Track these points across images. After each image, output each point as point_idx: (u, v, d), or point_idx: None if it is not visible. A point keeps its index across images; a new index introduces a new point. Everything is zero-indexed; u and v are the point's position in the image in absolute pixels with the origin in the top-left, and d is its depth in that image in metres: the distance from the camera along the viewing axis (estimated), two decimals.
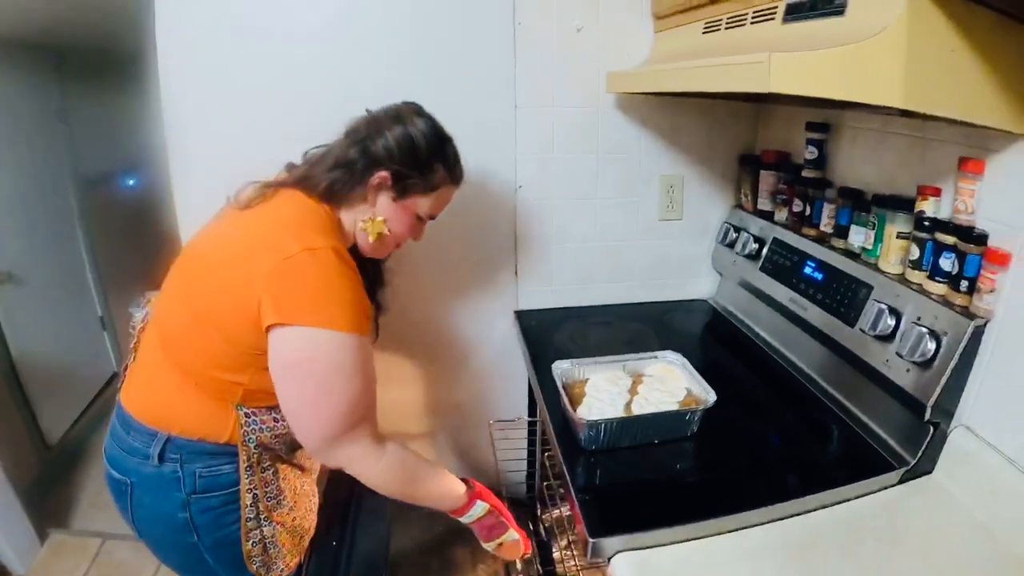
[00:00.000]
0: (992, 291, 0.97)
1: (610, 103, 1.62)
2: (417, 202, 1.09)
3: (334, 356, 0.93)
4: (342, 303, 0.93)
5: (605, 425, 1.09)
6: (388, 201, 1.06)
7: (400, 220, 1.09)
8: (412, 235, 1.14)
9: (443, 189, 1.11)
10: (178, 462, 1.00)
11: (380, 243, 1.10)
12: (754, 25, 1.06)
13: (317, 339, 0.91)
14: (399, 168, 1.03)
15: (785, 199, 1.52)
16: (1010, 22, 0.84)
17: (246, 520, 1.04)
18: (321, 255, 0.92)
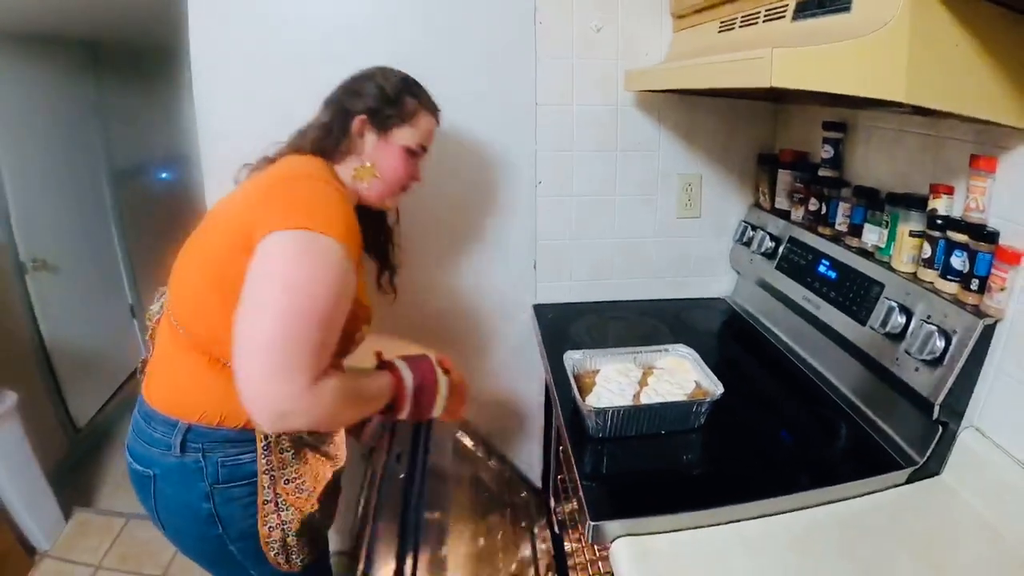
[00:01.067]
0: (1003, 290, 0.96)
1: (629, 101, 1.64)
2: (400, 134, 1.12)
3: (308, 255, 0.87)
4: (318, 208, 0.91)
5: (612, 413, 1.11)
6: (374, 142, 1.11)
7: (389, 157, 1.12)
8: (408, 172, 1.16)
9: (421, 118, 1.14)
10: (200, 451, 0.99)
11: (380, 188, 1.13)
12: (766, 23, 1.07)
13: (296, 240, 0.87)
14: (372, 106, 1.09)
15: (802, 198, 1.52)
16: (1017, 17, 0.84)
17: (263, 502, 1.01)
18: (315, 181, 0.98)
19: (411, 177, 1.17)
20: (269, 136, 1.51)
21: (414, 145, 1.14)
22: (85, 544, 2.08)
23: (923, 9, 0.79)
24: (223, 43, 1.46)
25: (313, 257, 0.87)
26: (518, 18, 1.54)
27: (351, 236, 0.93)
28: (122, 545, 2.06)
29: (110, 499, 2.34)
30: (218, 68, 1.48)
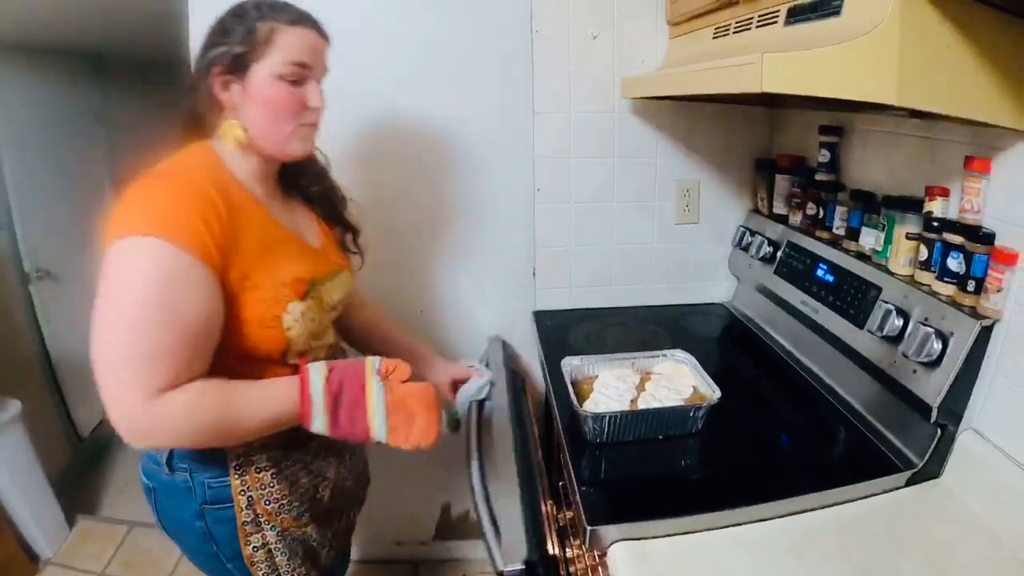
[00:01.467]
0: (999, 291, 0.96)
1: (626, 108, 1.65)
2: (263, 67, 0.91)
3: (133, 263, 0.78)
4: (155, 209, 0.81)
5: (609, 418, 1.11)
6: (241, 92, 0.92)
7: (267, 99, 0.92)
8: (291, 102, 0.94)
9: (281, 37, 0.91)
10: (187, 471, 0.95)
11: (264, 137, 0.95)
12: (759, 28, 1.08)
13: (123, 248, 0.79)
14: (222, 53, 0.90)
15: (799, 202, 1.52)
16: (1009, 18, 0.84)
17: (242, 524, 0.97)
18: (161, 177, 0.86)
19: (300, 105, 0.95)
20: None
21: (282, 68, 0.91)
22: (88, 552, 2.09)
23: (913, 11, 0.80)
24: None
25: (134, 263, 0.79)
26: (515, 27, 1.56)
27: (188, 232, 0.80)
28: (125, 553, 2.07)
29: (113, 507, 2.35)
30: None
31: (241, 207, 0.90)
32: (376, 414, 0.90)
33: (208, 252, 0.82)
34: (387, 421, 0.90)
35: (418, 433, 0.93)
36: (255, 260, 0.89)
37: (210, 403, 0.82)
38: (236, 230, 0.87)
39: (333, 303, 1.04)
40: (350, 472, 1.16)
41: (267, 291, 0.89)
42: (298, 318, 0.91)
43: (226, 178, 0.92)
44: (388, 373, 0.93)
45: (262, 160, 0.98)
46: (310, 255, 1.02)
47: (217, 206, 0.84)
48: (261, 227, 0.93)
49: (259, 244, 0.90)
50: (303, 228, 1.06)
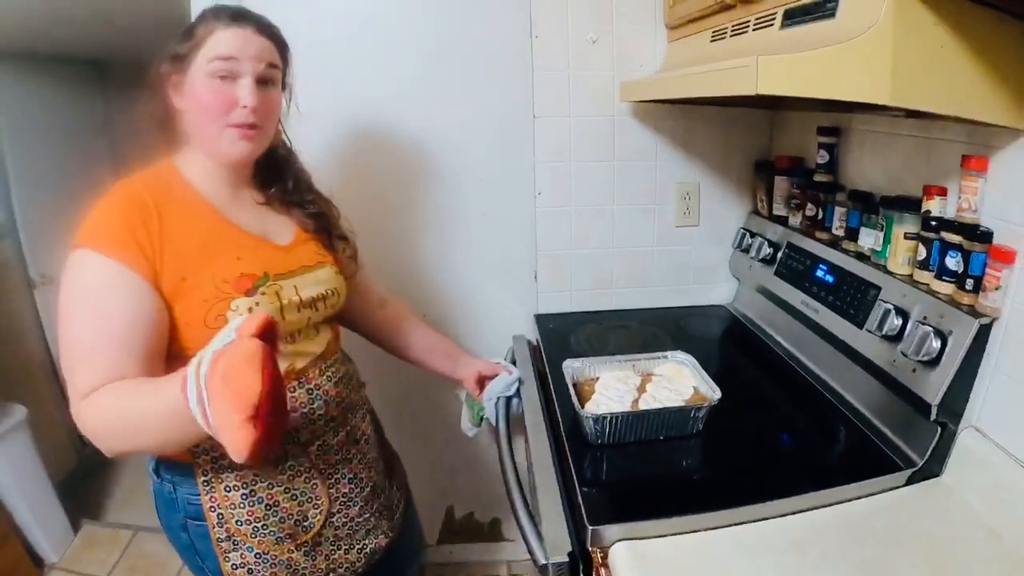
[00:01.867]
0: (997, 288, 0.96)
1: (625, 112, 1.66)
2: (196, 65, 0.92)
3: (71, 274, 0.84)
4: (92, 222, 0.86)
5: (610, 419, 1.11)
6: (183, 91, 0.94)
7: (195, 94, 0.92)
8: (222, 99, 0.92)
9: (214, 36, 0.92)
10: (172, 483, 0.96)
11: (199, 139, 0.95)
12: (756, 31, 1.09)
13: (69, 259, 0.86)
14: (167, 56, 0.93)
15: (799, 204, 1.53)
16: (1003, 16, 0.85)
17: (216, 540, 0.95)
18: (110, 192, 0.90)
19: (229, 104, 0.92)
20: None
21: (208, 65, 0.91)
22: (93, 556, 2.10)
23: (906, 12, 0.81)
24: None
25: (70, 276, 0.85)
26: (515, 32, 1.57)
27: (112, 240, 0.84)
28: (130, 558, 2.08)
29: (118, 512, 2.36)
30: None
31: (182, 210, 0.92)
32: (191, 380, 0.68)
33: (133, 258, 0.84)
34: (213, 402, 0.65)
35: (221, 427, 0.64)
36: (194, 260, 0.89)
37: (114, 402, 0.79)
38: (168, 233, 0.88)
39: (303, 299, 0.99)
40: (355, 497, 1.07)
41: (208, 290, 0.88)
42: (244, 314, 0.87)
43: (173, 183, 0.95)
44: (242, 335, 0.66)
45: (208, 163, 0.98)
46: (266, 251, 0.99)
47: (146, 211, 0.87)
48: (204, 227, 0.93)
49: (199, 244, 0.90)
50: (272, 228, 1.04)
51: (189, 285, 0.87)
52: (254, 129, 0.95)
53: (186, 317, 0.87)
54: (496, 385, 1.32)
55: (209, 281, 0.88)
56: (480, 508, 1.98)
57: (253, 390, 0.61)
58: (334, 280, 1.08)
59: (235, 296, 0.89)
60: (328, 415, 1.03)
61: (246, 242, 0.97)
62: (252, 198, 1.05)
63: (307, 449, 1.00)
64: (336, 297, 1.08)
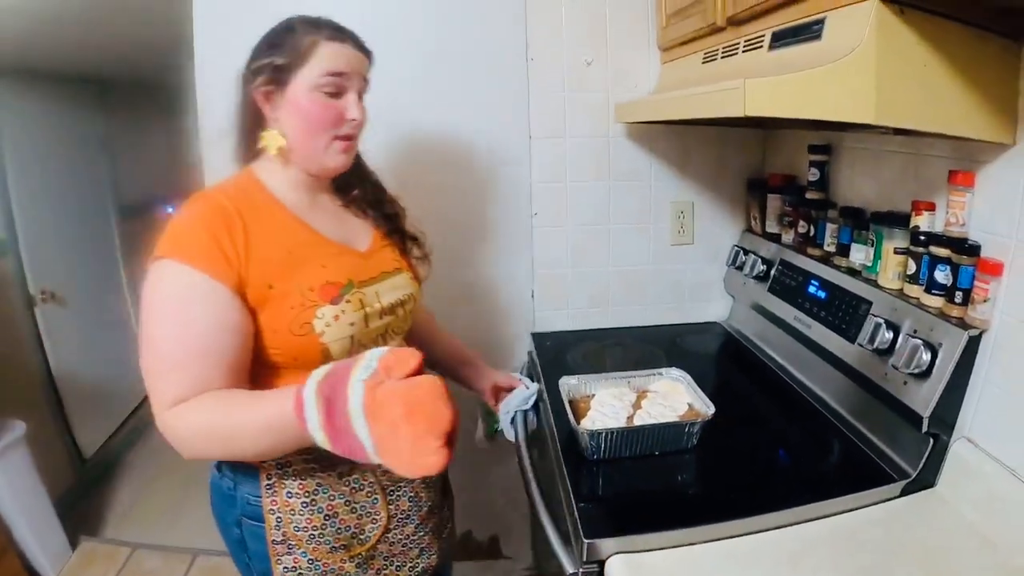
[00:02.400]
0: (986, 301, 0.98)
1: (620, 132, 1.69)
2: (302, 77, 0.93)
3: (153, 284, 0.84)
4: (174, 232, 0.87)
5: (606, 435, 1.12)
6: (285, 104, 0.95)
7: (303, 108, 0.94)
8: (329, 114, 0.95)
9: (320, 50, 0.94)
10: (232, 480, 0.97)
11: (303, 150, 0.97)
12: (745, 53, 1.12)
13: (150, 270, 0.85)
14: (264, 65, 0.94)
15: (791, 221, 1.55)
16: (984, 34, 0.88)
17: (272, 542, 0.96)
18: (191, 202, 0.91)
19: (337, 119, 0.96)
20: None
21: (319, 79, 0.93)
22: (91, 573, 2.09)
23: (889, 33, 0.83)
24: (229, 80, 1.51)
25: (154, 286, 0.85)
26: (511, 55, 1.61)
27: (197, 250, 0.84)
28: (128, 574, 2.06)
29: (116, 529, 2.35)
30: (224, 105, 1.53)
31: (267, 219, 0.93)
32: (358, 424, 0.69)
33: (218, 267, 0.84)
34: (371, 435, 0.69)
35: (408, 450, 0.68)
36: (280, 268, 0.89)
37: (207, 416, 0.81)
38: (256, 242, 0.88)
39: (383, 306, 1.00)
40: (413, 515, 1.07)
41: (294, 298, 0.89)
42: (330, 322, 0.90)
43: (254, 192, 0.95)
44: (389, 368, 0.71)
45: (296, 172, 0.99)
46: (349, 258, 1.00)
47: (231, 221, 0.87)
48: (289, 235, 0.94)
49: (285, 252, 0.91)
50: (351, 234, 1.06)
51: (275, 293, 0.88)
52: (353, 140, 1.00)
53: (272, 324, 0.88)
54: (513, 399, 1.31)
55: (295, 289, 0.89)
56: (478, 526, 1.98)
57: (446, 418, 0.69)
58: (410, 285, 1.10)
59: (321, 304, 0.90)
60: None
61: (330, 249, 0.98)
62: (330, 203, 1.07)
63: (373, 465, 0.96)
64: (412, 303, 1.09)
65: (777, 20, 1.04)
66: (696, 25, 1.32)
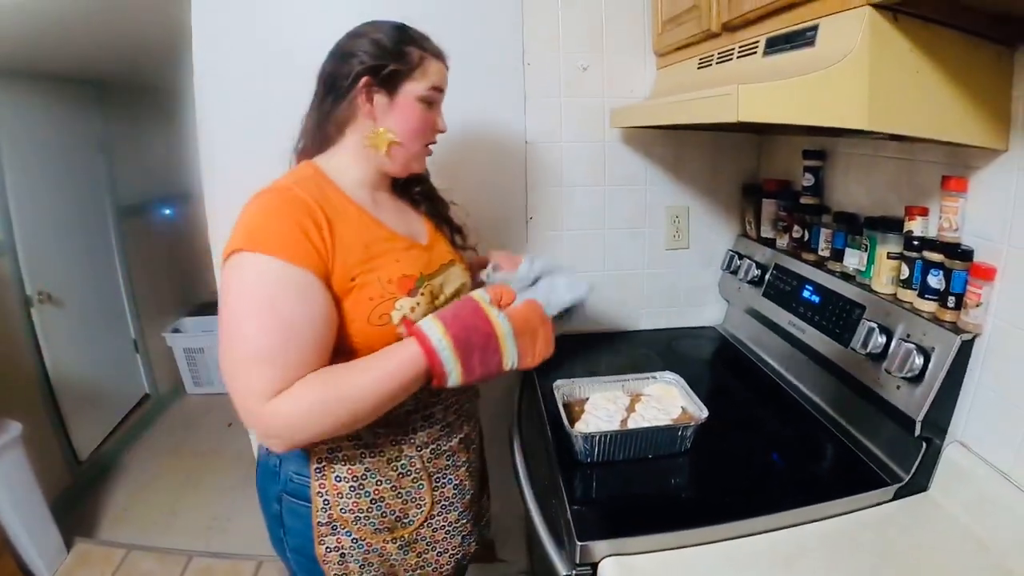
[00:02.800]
0: (978, 305, 0.99)
1: (616, 137, 1.70)
2: (411, 87, 1.00)
3: (240, 278, 0.85)
4: (256, 226, 0.88)
5: (599, 438, 1.12)
6: (385, 106, 1.00)
7: (407, 116, 1.01)
8: (429, 125, 1.05)
9: (427, 64, 1.02)
10: (279, 458, 1.01)
11: (402, 152, 1.03)
12: (740, 60, 1.13)
13: (231, 264, 0.86)
14: (373, 64, 0.97)
15: (785, 226, 1.56)
16: (978, 40, 0.88)
17: (318, 523, 1.00)
18: (267, 195, 0.92)
19: (433, 129, 1.07)
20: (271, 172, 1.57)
21: (426, 92, 1.02)
22: (86, 574, 2.08)
23: (882, 39, 0.84)
24: (227, 82, 1.52)
25: (239, 279, 0.86)
26: (508, 59, 1.61)
27: (286, 242, 0.86)
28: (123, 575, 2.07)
29: (111, 530, 2.35)
30: (222, 106, 1.53)
31: (342, 213, 0.95)
32: (508, 345, 0.91)
33: (308, 258, 0.87)
34: (517, 348, 0.92)
35: (541, 348, 0.96)
36: (359, 261, 0.93)
37: (320, 391, 0.84)
38: (337, 235, 0.92)
39: (447, 296, 1.05)
40: (457, 502, 1.11)
41: (374, 289, 0.93)
42: (407, 314, 0.94)
43: (326, 188, 0.98)
44: (499, 301, 0.94)
45: (373, 169, 1.04)
46: (417, 252, 1.04)
47: (315, 214, 0.90)
48: (364, 230, 0.98)
49: (362, 246, 0.95)
50: (413, 228, 1.10)
51: (357, 284, 0.92)
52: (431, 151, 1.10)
53: (352, 314, 0.92)
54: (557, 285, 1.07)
55: (376, 282, 0.93)
56: None
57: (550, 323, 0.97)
58: (463, 275, 1.14)
59: (399, 296, 0.95)
60: (446, 420, 1.07)
61: (400, 244, 1.02)
62: (389, 199, 1.10)
63: (420, 452, 1.04)
64: (466, 291, 1.11)
65: (771, 26, 1.05)
66: (691, 31, 1.33)
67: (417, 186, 1.17)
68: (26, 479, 2.03)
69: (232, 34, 1.50)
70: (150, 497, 2.63)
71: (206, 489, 2.68)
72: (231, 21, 1.49)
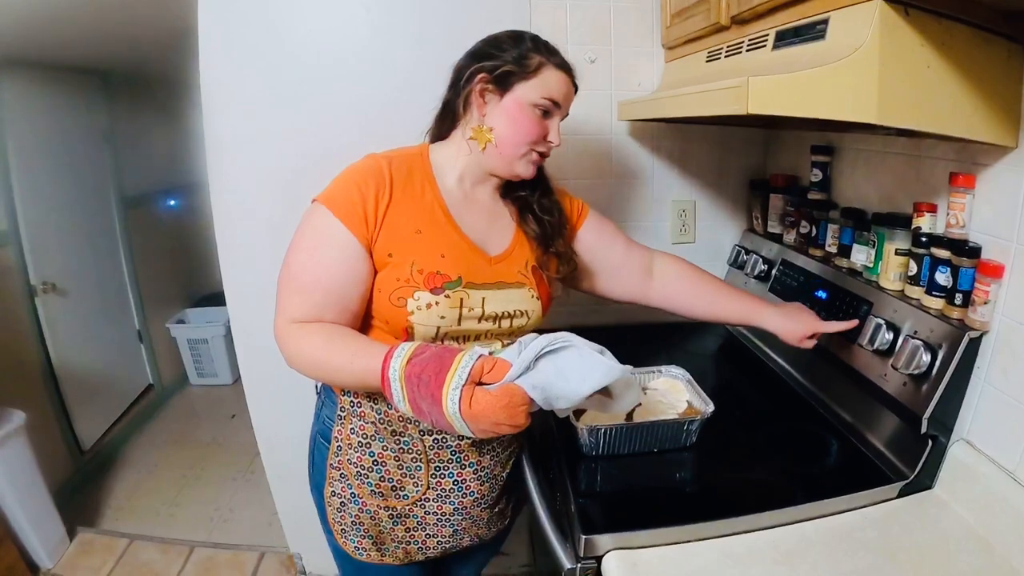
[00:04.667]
0: (986, 303, 0.98)
1: (623, 131, 1.69)
2: (523, 90, 1.01)
3: (305, 219, 1.00)
4: (336, 182, 1.01)
5: (604, 432, 1.12)
6: (496, 105, 1.02)
7: (517, 117, 1.02)
8: (535, 131, 1.03)
9: (546, 73, 1.02)
10: (322, 400, 1.15)
11: (501, 152, 1.04)
12: (749, 52, 1.12)
13: (309, 209, 1.01)
14: (492, 64, 1.01)
15: (793, 221, 1.55)
16: (989, 36, 0.88)
17: (330, 465, 1.11)
18: (364, 158, 1.04)
19: (541, 136, 1.04)
20: (276, 164, 1.58)
21: (539, 99, 1.01)
22: (88, 563, 2.09)
23: (893, 34, 0.83)
24: (233, 74, 1.52)
25: (305, 221, 1.00)
26: None
27: (342, 202, 0.97)
28: (125, 566, 2.07)
29: (114, 520, 2.36)
30: (228, 97, 1.53)
31: (414, 194, 1.02)
32: (455, 422, 0.84)
33: (356, 224, 0.97)
34: (468, 427, 0.84)
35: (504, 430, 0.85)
36: (404, 242, 0.99)
37: (313, 348, 0.94)
38: (394, 211, 0.99)
39: (485, 312, 1.02)
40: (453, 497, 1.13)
41: (403, 271, 0.98)
42: (422, 307, 0.98)
43: (416, 168, 1.05)
44: (479, 374, 0.84)
45: (476, 164, 1.07)
46: (472, 257, 1.05)
47: (381, 186, 0.99)
48: (425, 216, 1.02)
49: (414, 229, 1.00)
50: (491, 236, 1.10)
51: (392, 262, 0.99)
52: (545, 157, 1.09)
53: (379, 286, 0.99)
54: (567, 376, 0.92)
55: (408, 265, 0.98)
56: None
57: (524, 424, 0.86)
58: (528, 303, 1.08)
59: (420, 288, 0.98)
60: None
61: (457, 243, 1.04)
62: (488, 199, 1.12)
63: (423, 436, 1.08)
64: (524, 319, 1.08)
65: (781, 20, 1.04)
66: (700, 24, 1.32)
67: (523, 191, 1.14)
68: (29, 468, 2.03)
69: (239, 25, 1.50)
70: (153, 487, 2.64)
71: (209, 480, 2.69)
72: (238, 12, 1.49)
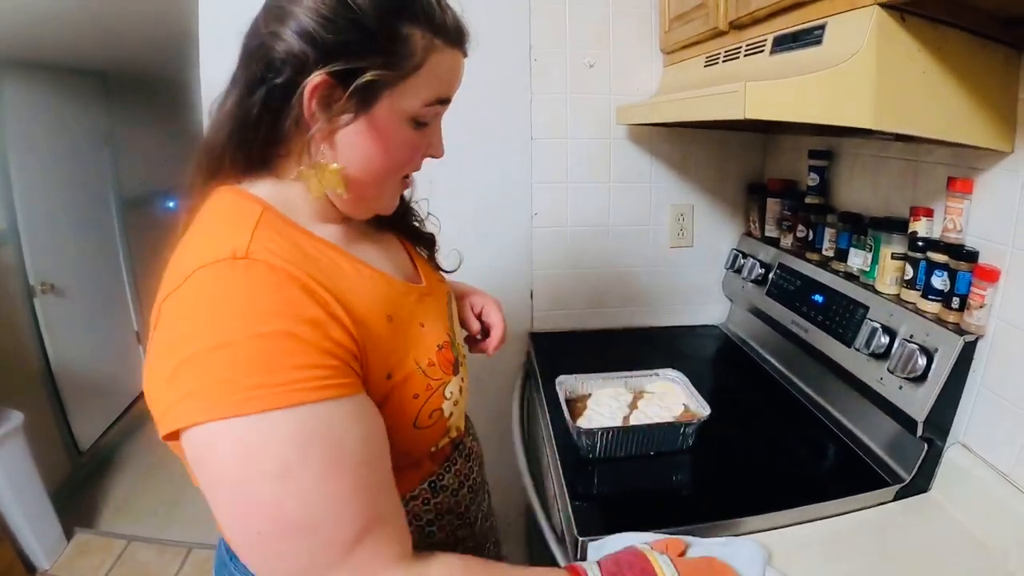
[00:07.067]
0: (982, 307, 0.99)
1: (621, 134, 1.70)
2: (398, 101, 0.62)
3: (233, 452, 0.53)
4: (247, 357, 0.52)
5: (601, 434, 1.13)
6: (359, 129, 0.62)
7: (384, 143, 0.64)
8: (415, 150, 0.68)
9: (435, 60, 0.64)
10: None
11: (365, 191, 0.67)
12: (747, 58, 1.13)
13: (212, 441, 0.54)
14: (338, 56, 0.59)
15: (790, 225, 1.56)
16: (985, 42, 0.88)
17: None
18: (209, 284, 0.56)
19: (419, 155, 0.70)
20: None
21: (421, 107, 0.64)
22: (85, 564, 2.09)
23: (889, 39, 0.84)
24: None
25: (255, 445, 0.56)
26: (515, 56, 1.61)
27: (313, 377, 0.55)
28: (123, 566, 2.07)
29: (112, 521, 2.36)
30: None
31: (342, 280, 0.63)
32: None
33: (341, 381, 0.57)
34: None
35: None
36: (389, 348, 0.65)
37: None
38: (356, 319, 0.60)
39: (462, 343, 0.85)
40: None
41: (417, 382, 0.67)
42: (457, 399, 0.72)
43: (297, 239, 0.63)
44: (664, 549, 0.76)
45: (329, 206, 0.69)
46: (428, 301, 0.77)
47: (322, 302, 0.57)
48: (378, 296, 0.66)
49: (384, 320, 0.65)
50: (398, 261, 0.81)
51: (395, 383, 0.65)
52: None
53: (392, 421, 0.63)
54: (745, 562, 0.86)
55: (416, 371, 0.67)
56: None
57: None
58: (454, 302, 0.92)
59: (447, 380, 0.70)
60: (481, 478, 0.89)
61: (411, 297, 0.73)
62: (360, 223, 0.76)
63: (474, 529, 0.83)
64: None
65: (779, 25, 1.05)
66: (698, 29, 1.33)
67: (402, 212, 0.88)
68: (27, 469, 2.03)
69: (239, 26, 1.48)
70: (151, 488, 2.63)
71: None
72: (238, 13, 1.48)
